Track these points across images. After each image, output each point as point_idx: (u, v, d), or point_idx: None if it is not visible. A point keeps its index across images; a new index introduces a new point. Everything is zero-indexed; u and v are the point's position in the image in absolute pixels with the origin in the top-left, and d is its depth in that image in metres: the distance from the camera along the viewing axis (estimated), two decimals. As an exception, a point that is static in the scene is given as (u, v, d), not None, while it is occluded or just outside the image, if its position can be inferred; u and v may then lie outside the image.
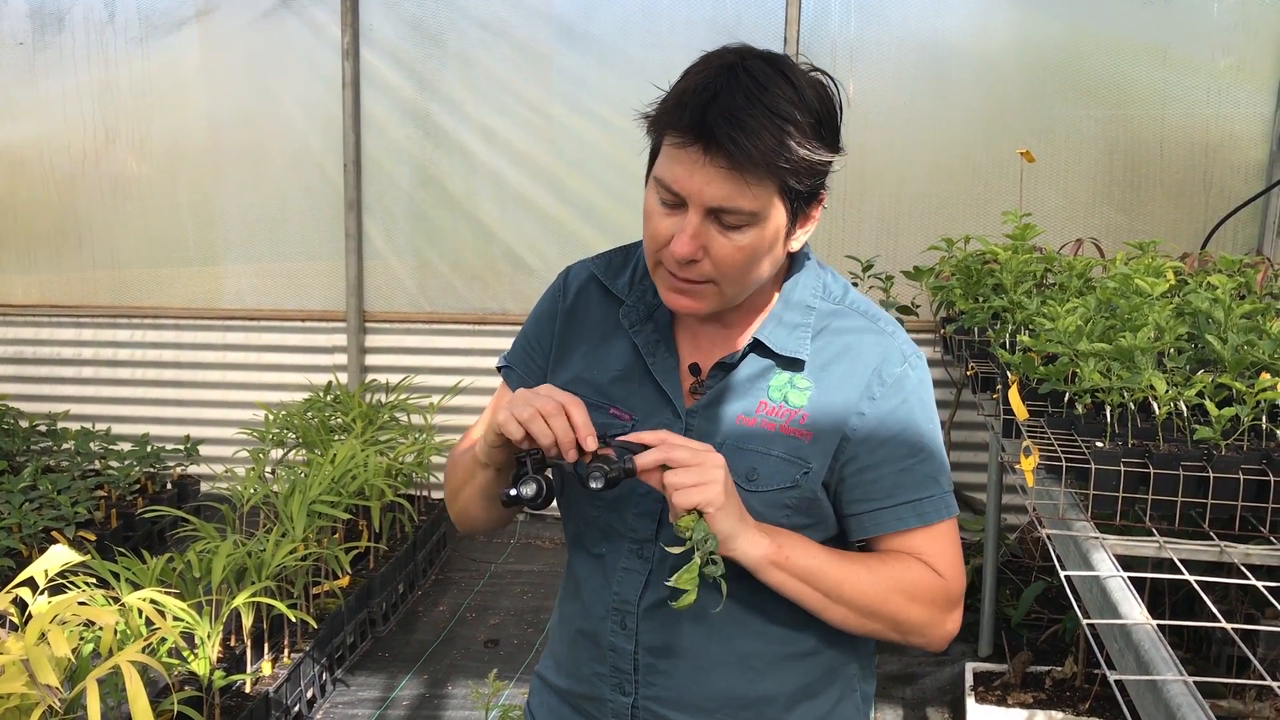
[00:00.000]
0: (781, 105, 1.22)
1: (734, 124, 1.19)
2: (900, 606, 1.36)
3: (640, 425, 1.39)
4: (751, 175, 1.21)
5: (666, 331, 1.43)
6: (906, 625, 1.37)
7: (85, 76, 5.01)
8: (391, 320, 5.07)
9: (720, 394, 1.38)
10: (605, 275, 1.48)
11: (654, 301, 1.43)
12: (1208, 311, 2.33)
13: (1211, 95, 4.41)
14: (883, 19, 4.55)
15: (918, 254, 4.29)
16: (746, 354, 1.39)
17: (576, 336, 1.48)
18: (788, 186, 1.25)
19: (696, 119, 1.21)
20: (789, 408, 1.35)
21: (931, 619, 1.39)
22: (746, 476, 1.34)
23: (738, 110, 1.20)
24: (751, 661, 1.40)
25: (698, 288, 1.31)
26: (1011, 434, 2.54)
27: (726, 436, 1.35)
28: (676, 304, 1.33)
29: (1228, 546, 1.94)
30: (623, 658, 1.42)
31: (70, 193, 5.14)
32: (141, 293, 5.20)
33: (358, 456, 3.81)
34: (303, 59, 4.91)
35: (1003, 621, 3.76)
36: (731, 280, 1.30)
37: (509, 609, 4.15)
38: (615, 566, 1.41)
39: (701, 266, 1.28)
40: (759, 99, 1.21)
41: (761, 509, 1.33)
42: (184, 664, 2.86)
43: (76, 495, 4.21)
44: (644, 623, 1.40)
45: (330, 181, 4.96)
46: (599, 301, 1.48)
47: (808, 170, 1.26)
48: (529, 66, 4.81)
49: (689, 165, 1.23)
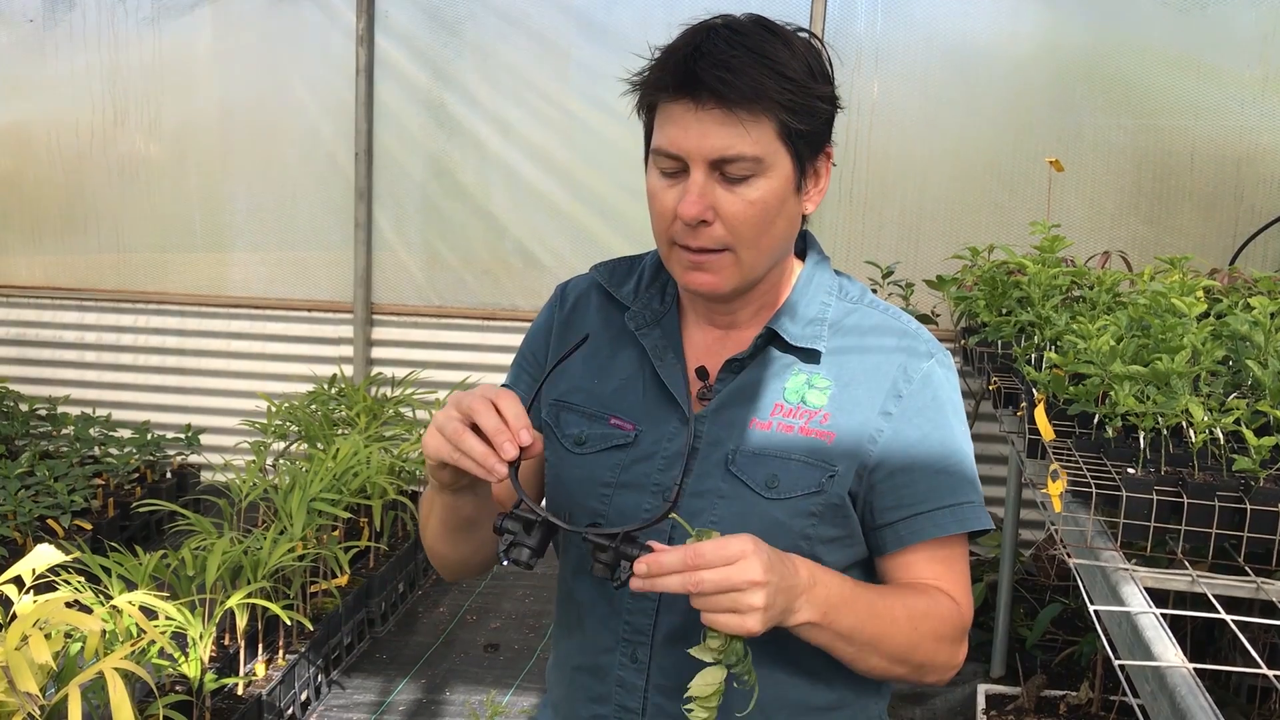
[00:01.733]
0: (766, 47, 1.18)
1: (720, 66, 1.16)
2: (930, 650, 1.26)
3: (644, 435, 1.30)
4: (746, 113, 1.17)
5: (674, 337, 1.34)
6: (929, 666, 1.28)
7: (95, 56, 4.94)
8: (399, 313, 4.99)
9: (731, 397, 1.29)
10: (609, 282, 1.40)
11: (660, 308, 1.35)
12: (1247, 334, 2.23)
13: (1244, 106, 4.31)
14: (909, 20, 4.45)
15: (939, 261, 4.19)
16: (758, 349, 1.30)
17: None
18: (787, 128, 1.19)
19: (681, 71, 1.17)
20: (808, 408, 1.27)
21: (951, 655, 1.30)
22: (767, 484, 1.24)
23: (721, 54, 1.17)
24: (771, 714, 1.29)
25: (714, 258, 1.22)
26: (1037, 454, 2.44)
27: (740, 443, 1.26)
28: (696, 282, 1.24)
29: (1265, 583, 1.85)
30: (631, 694, 1.30)
31: (77, 174, 5.07)
32: (147, 277, 5.12)
33: (360, 453, 3.73)
34: (316, 44, 4.83)
35: (1016, 642, 3.67)
36: (747, 242, 1.22)
37: (511, 612, 4.07)
38: (624, 593, 1.28)
39: (714, 231, 1.21)
40: (741, 43, 1.18)
41: (785, 518, 1.24)
42: (174, 666, 2.79)
43: (74, 483, 4.15)
44: (658, 657, 1.28)
45: (341, 170, 4.88)
46: (600, 309, 1.40)
47: (805, 108, 1.20)
48: (547, 58, 4.72)
49: (682, 121, 1.19)
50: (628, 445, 1.30)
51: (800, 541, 1.24)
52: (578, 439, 1.33)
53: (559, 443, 1.35)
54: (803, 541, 1.25)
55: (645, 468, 1.29)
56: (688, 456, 1.22)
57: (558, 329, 1.41)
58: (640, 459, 1.29)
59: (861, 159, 4.51)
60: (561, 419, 1.36)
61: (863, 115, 4.48)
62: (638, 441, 1.30)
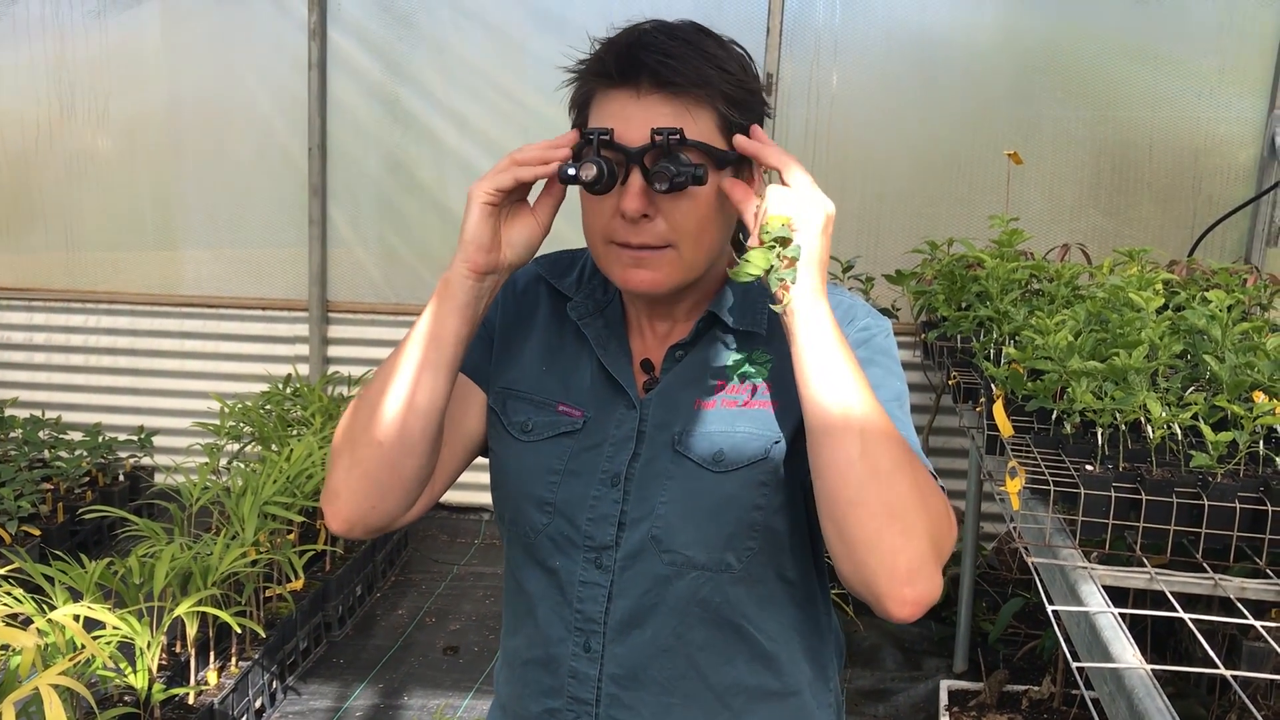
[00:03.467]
0: (703, 42, 1.19)
1: (662, 52, 1.16)
2: (920, 504, 1.10)
3: (591, 421, 1.28)
4: (690, 99, 1.16)
5: (618, 328, 1.32)
6: (916, 532, 1.08)
7: (40, 49, 4.82)
8: (356, 311, 4.91)
9: (675, 380, 1.28)
10: (551, 274, 1.37)
11: (603, 299, 1.33)
12: (1205, 328, 2.22)
13: (1201, 97, 4.32)
14: (868, 10, 4.42)
15: (900, 254, 4.17)
16: (700, 332, 1.28)
17: (522, 336, 1.36)
18: (728, 121, 1.19)
19: (624, 57, 1.17)
20: (751, 382, 1.26)
21: (927, 554, 1.09)
22: (714, 459, 1.22)
23: (658, 44, 1.17)
24: (729, 700, 1.27)
25: (656, 255, 1.20)
26: (995, 450, 2.42)
27: (686, 423, 1.24)
28: (637, 280, 1.21)
29: (1222, 579, 1.84)
30: (584, 685, 1.27)
31: (24, 170, 4.95)
32: (97, 276, 5.02)
33: (315, 454, 3.66)
34: (267, 37, 4.73)
35: (979, 636, 3.66)
36: (690, 239, 1.20)
37: (470, 613, 4.02)
38: (573, 580, 1.26)
39: (655, 226, 1.18)
40: (680, 36, 1.19)
41: (735, 490, 1.21)
42: (121, 677, 2.71)
43: (21, 488, 4.05)
44: (611, 645, 1.26)
45: (295, 166, 4.80)
46: (546, 300, 1.37)
47: (744, 101, 1.20)
48: (503, 52, 4.66)
49: (623, 110, 1.17)
50: (575, 432, 1.29)
51: (753, 513, 1.22)
52: (524, 426, 1.31)
53: (505, 431, 1.32)
54: (755, 513, 1.22)
55: (593, 455, 1.27)
56: (636, 441, 1.22)
57: (506, 314, 1.38)
58: (589, 446, 1.28)
59: (821, 151, 4.48)
60: (509, 406, 1.33)
61: (821, 107, 4.44)
62: (586, 428, 1.28)
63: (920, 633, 3.90)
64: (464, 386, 1.33)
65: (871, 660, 3.71)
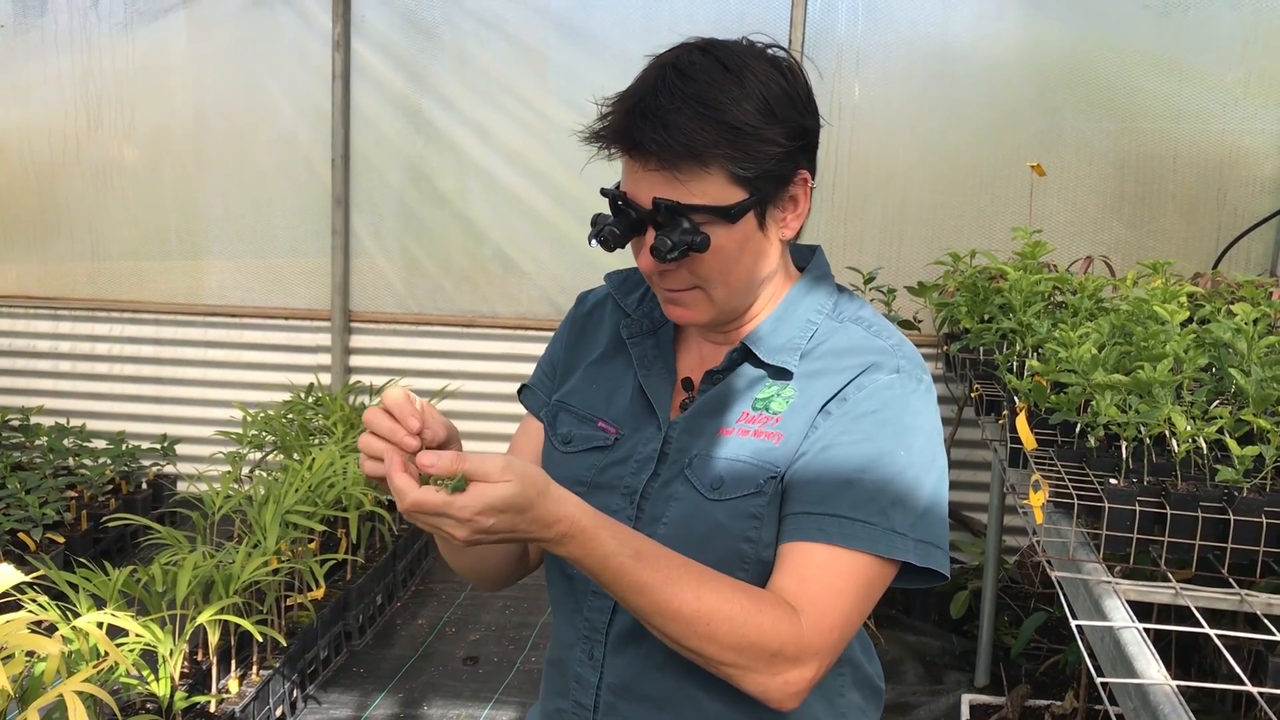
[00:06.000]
0: (708, 92, 1.16)
1: (654, 122, 1.15)
2: (718, 655, 1.15)
3: (623, 439, 1.32)
4: (682, 171, 1.17)
5: (668, 347, 1.37)
6: (730, 673, 1.15)
7: (67, 61, 4.87)
8: (377, 320, 4.93)
9: (706, 406, 1.30)
10: (619, 291, 1.43)
11: (660, 318, 1.38)
12: (1230, 342, 2.20)
13: (1226, 109, 4.29)
14: (890, 22, 4.42)
15: (922, 265, 4.16)
16: (734, 362, 1.30)
17: (583, 351, 1.44)
18: (734, 173, 1.18)
19: (620, 126, 1.19)
20: (768, 414, 1.26)
21: (759, 674, 1.14)
22: (712, 486, 1.24)
23: (659, 108, 1.16)
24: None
25: (687, 295, 1.26)
26: (1018, 463, 2.41)
27: (703, 448, 1.26)
28: (674, 315, 1.29)
29: (1248, 595, 1.82)
30: (585, 691, 1.32)
31: (51, 181, 5.00)
32: (122, 286, 5.06)
33: (336, 464, 3.67)
34: (292, 49, 4.77)
35: (1001, 650, 3.64)
36: (715, 283, 1.24)
37: (490, 624, 4.02)
38: (586, 590, 1.32)
39: (679, 275, 1.24)
40: (681, 90, 1.16)
41: (726, 520, 1.22)
42: (144, 684, 2.73)
43: (46, 495, 4.08)
44: (611, 656, 1.30)
45: (318, 176, 4.83)
46: (610, 317, 1.44)
47: (751, 154, 1.18)
48: (524, 63, 4.68)
49: (629, 175, 1.22)
50: (607, 448, 1.33)
51: (742, 544, 1.22)
52: (565, 438, 1.37)
53: (550, 440, 1.40)
54: (744, 544, 1.22)
55: (619, 470, 1.31)
56: (657, 461, 1.27)
57: (573, 334, 1.47)
58: (616, 462, 1.32)
59: (843, 163, 4.48)
60: (558, 418, 1.40)
61: (844, 119, 4.44)
62: (616, 445, 1.33)
63: (942, 646, 3.88)
64: (539, 432, 1.43)
65: (893, 673, 3.69)
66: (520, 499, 1.05)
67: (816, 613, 1.16)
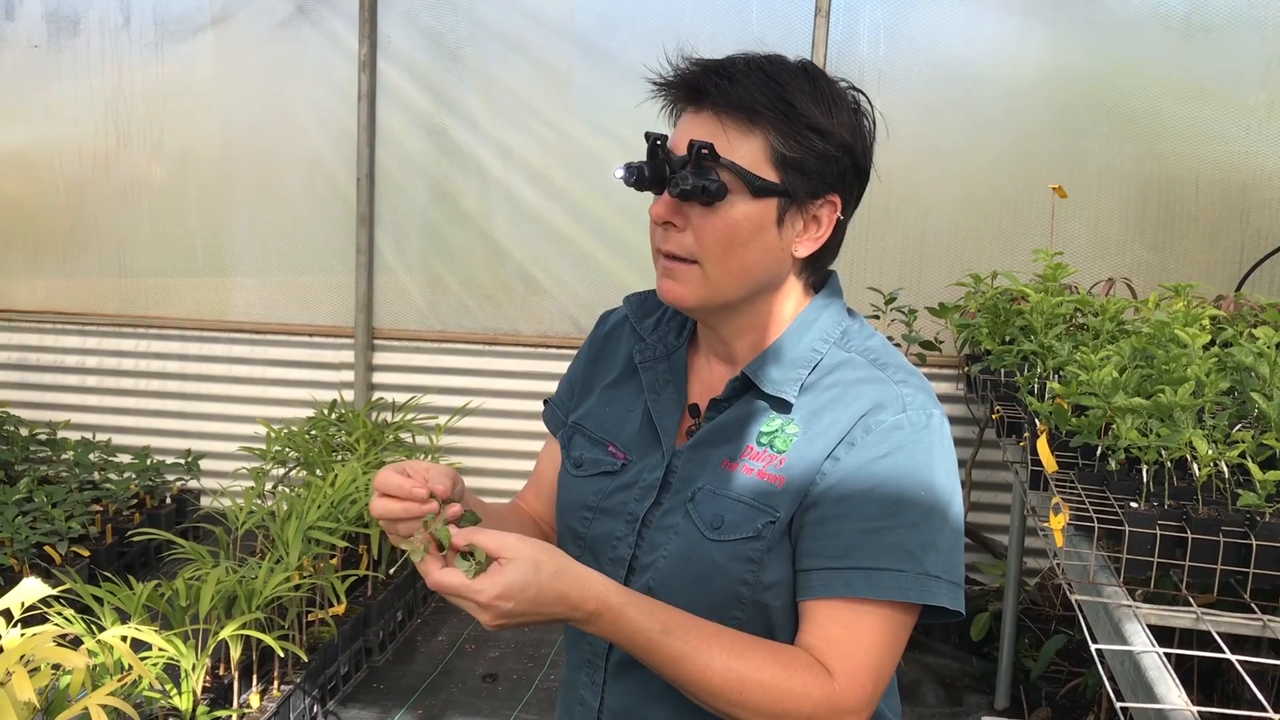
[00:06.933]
0: (782, 75, 1.20)
1: (722, 75, 1.19)
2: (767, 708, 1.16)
3: (631, 465, 1.33)
4: (733, 122, 1.19)
5: (679, 372, 1.36)
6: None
7: (99, 81, 4.94)
8: (401, 338, 4.97)
9: (710, 435, 1.29)
10: (636, 314, 1.43)
11: (674, 343, 1.37)
12: (1252, 365, 2.20)
13: (1250, 132, 4.28)
14: (912, 44, 4.43)
15: (943, 287, 4.16)
16: (736, 392, 1.28)
17: (601, 372, 1.44)
18: (778, 153, 1.18)
19: (689, 73, 1.22)
20: (772, 453, 1.23)
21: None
22: (711, 525, 1.23)
23: (732, 67, 1.20)
24: None
25: (683, 268, 1.23)
26: (1039, 486, 2.41)
27: (706, 482, 1.25)
28: (664, 290, 1.26)
29: (1271, 620, 1.82)
30: (588, 714, 1.34)
31: (80, 198, 5.06)
32: (148, 302, 5.11)
33: (359, 480, 3.70)
34: (318, 70, 4.82)
35: (1021, 673, 3.62)
36: (713, 259, 1.21)
37: (510, 641, 4.03)
38: None
39: (683, 238, 1.22)
40: (759, 64, 1.21)
41: (723, 561, 1.21)
42: (166, 698, 2.75)
43: (72, 509, 4.12)
44: (611, 681, 1.32)
45: (343, 194, 4.88)
46: (627, 340, 1.43)
47: (797, 134, 1.19)
48: (548, 83, 4.71)
49: (680, 128, 1.23)
50: (614, 473, 1.34)
51: (739, 586, 1.22)
52: (577, 461, 1.38)
53: (565, 463, 1.41)
54: (742, 586, 1.22)
55: (624, 496, 1.31)
56: (659, 490, 1.27)
57: (594, 353, 1.47)
58: (622, 487, 1.32)
59: (864, 184, 4.48)
60: (573, 441, 1.41)
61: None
62: (624, 470, 1.33)
63: (961, 668, 3.87)
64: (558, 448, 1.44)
65: (912, 695, 3.68)
66: (533, 576, 1.08)
67: (849, 671, 1.16)
